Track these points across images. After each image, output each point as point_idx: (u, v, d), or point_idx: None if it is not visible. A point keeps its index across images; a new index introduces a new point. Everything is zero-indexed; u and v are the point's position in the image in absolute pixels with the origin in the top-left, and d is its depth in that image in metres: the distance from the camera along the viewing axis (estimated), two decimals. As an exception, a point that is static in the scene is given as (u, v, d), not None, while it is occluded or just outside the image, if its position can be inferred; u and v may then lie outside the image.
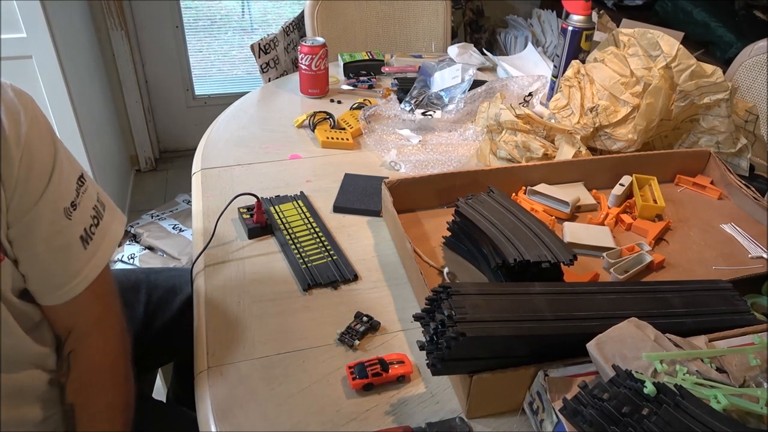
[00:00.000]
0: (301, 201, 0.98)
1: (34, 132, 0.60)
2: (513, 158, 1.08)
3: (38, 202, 0.61)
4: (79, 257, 0.66)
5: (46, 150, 0.62)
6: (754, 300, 0.80)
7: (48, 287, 0.66)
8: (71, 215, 0.64)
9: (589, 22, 1.18)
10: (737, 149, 1.11)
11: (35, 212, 0.61)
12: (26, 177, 0.59)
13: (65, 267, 0.66)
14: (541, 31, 2.36)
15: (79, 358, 0.70)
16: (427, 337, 0.62)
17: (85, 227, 0.66)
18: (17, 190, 0.59)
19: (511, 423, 0.64)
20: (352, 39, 1.77)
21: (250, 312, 0.77)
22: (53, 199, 0.62)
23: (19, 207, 0.60)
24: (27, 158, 0.59)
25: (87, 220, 0.67)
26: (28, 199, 0.61)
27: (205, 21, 2.50)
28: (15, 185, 0.59)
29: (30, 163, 0.59)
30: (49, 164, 0.62)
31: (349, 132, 1.19)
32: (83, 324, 0.71)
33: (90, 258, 0.67)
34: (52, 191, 0.62)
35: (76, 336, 0.71)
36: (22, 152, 0.59)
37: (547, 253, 0.74)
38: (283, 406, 0.65)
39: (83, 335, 0.71)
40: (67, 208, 0.64)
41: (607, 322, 0.61)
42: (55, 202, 0.63)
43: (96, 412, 0.70)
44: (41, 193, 0.61)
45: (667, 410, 0.50)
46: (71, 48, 1.83)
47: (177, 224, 2.04)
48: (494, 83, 1.32)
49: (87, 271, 0.67)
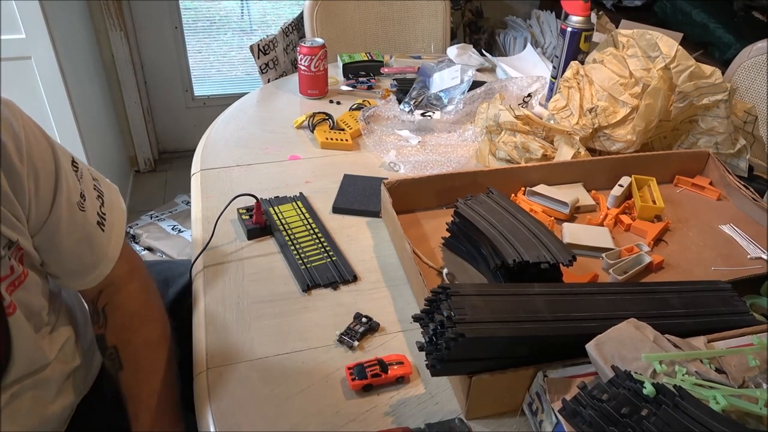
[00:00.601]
0: (300, 202, 0.98)
1: (31, 141, 0.61)
2: (512, 159, 1.08)
3: (53, 207, 0.64)
4: (101, 241, 0.71)
5: (46, 154, 0.63)
6: (753, 301, 0.80)
7: (80, 276, 0.71)
8: (84, 206, 0.68)
9: (588, 23, 1.18)
10: (736, 150, 1.11)
11: (53, 216, 0.64)
12: (35, 188, 0.62)
13: (91, 254, 0.70)
14: (540, 32, 2.36)
15: (114, 307, 0.75)
16: (427, 338, 0.62)
17: (97, 211, 0.70)
18: (32, 203, 0.62)
19: (511, 424, 0.64)
20: (351, 40, 1.77)
21: (249, 313, 0.77)
22: (65, 198, 0.65)
23: (38, 217, 0.63)
24: (33, 171, 0.61)
25: (95, 202, 0.70)
26: (43, 208, 0.63)
27: (204, 22, 2.50)
28: (29, 200, 0.61)
29: (36, 173, 0.61)
30: (51, 167, 0.64)
31: (349, 133, 1.19)
32: (114, 282, 0.75)
33: (110, 237, 0.72)
34: (62, 192, 0.65)
35: (108, 293, 0.75)
36: (27, 167, 0.60)
37: (546, 254, 0.74)
38: (282, 407, 0.65)
39: (115, 290, 0.76)
40: (78, 201, 0.67)
41: (606, 322, 0.61)
42: (68, 200, 0.65)
43: (138, 347, 0.74)
44: (53, 197, 0.64)
45: (666, 411, 0.50)
46: (70, 49, 1.83)
47: (176, 225, 2.04)
48: (493, 84, 1.32)
49: (111, 250, 0.73)
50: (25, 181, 0.60)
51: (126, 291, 0.76)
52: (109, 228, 0.72)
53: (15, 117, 0.60)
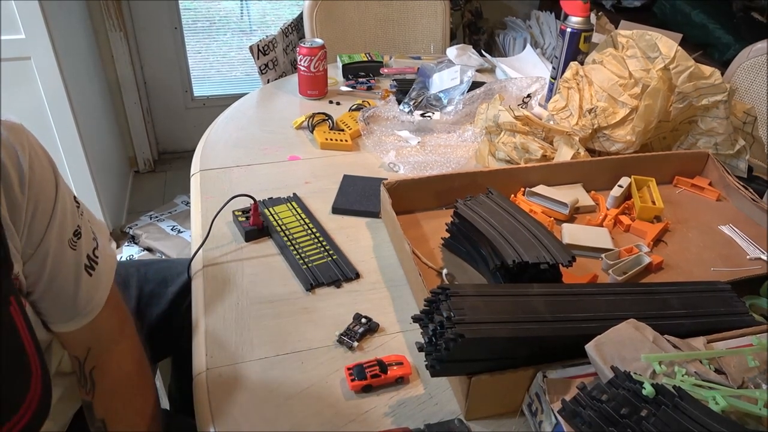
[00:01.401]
0: (295, 202, 0.98)
1: (35, 170, 0.58)
2: (512, 160, 1.08)
3: (42, 239, 0.60)
4: (88, 284, 0.65)
5: (48, 185, 0.60)
6: (752, 301, 0.80)
7: (63, 316, 0.66)
8: (75, 244, 0.63)
9: (587, 24, 1.18)
10: (735, 151, 1.11)
11: (42, 248, 0.60)
12: (31, 218, 0.58)
13: (76, 295, 0.65)
14: (540, 33, 2.37)
15: (103, 371, 0.70)
16: (426, 339, 0.62)
17: (88, 253, 0.65)
18: (24, 231, 0.58)
19: (510, 424, 0.64)
20: (350, 40, 1.77)
21: (248, 313, 0.77)
22: (57, 234, 0.61)
23: (28, 246, 0.59)
24: (33, 201, 0.58)
25: (90, 243, 0.66)
26: (35, 238, 0.60)
27: (203, 22, 2.50)
28: (23, 228, 0.58)
29: (35, 204, 0.58)
30: (51, 199, 0.60)
31: (348, 133, 1.19)
32: (104, 339, 0.70)
33: (98, 282, 0.67)
34: (55, 227, 0.61)
35: (96, 352, 0.70)
36: (28, 197, 0.57)
37: (545, 255, 0.74)
38: (282, 407, 0.65)
39: (104, 349, 0.70)
40: (70, 239, 0.63)
41: (605, 323, 0.61)
42: (59, 235, 0.62)
43: (128, 422, 0.70)
44: (44, 230, 0.60)
45: (665, 411, 0.50)
46: (70, 49, 1.83)
47: (176, 225, 2.04)
48: (493, 85, 1.32)
49: (98, 295, 0.67)
50: (23, 212, 0.57)
51: (116, 353, 0.71)
52: (98, 273, 0.67)
53: (22, 145, 0.57)
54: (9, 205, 0.56)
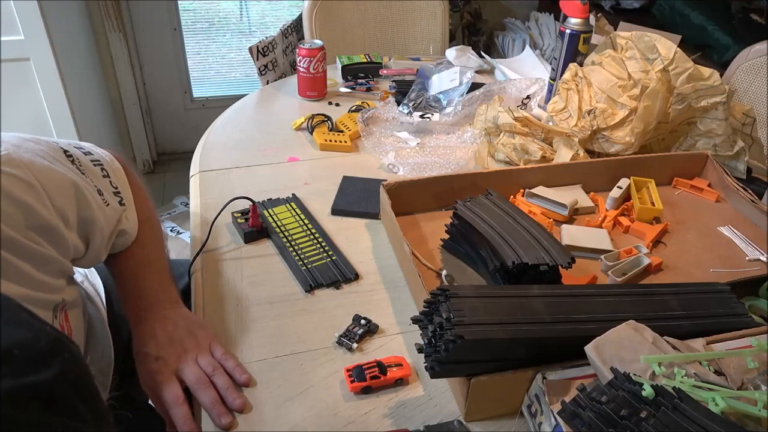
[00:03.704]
0: (294, 203, 0.98)
1: (46, 184, 0.62)
2: (511, 161, 1.08)
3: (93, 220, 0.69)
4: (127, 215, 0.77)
5: (65, 188, 0.65)
6: (751, 303, 0.80)
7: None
8: (105, 199, 0.72)
9: (586, 25, 1.18)
10: (734, 152, 1.11)
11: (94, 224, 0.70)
12: (66, 222, 0.65)
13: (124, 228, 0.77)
14: (539, 34, 2.37)
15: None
16: (426, 340, 0.62)
17: (112, 191, 0.75)
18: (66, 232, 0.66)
19: (510, 426, 0.64)
20: (350, 42, 1.77)
21: (247, 315, 0.77)
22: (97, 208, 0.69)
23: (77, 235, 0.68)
24: (59, 212, 0.63)
25: (108, 187, 0.75)
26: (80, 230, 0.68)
27: (203, 23, 2.50)
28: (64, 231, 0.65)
29: (63, 212, 0.64)
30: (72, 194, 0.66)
31: (347, 134, 1.19)
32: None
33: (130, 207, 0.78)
34: (92, 206, 0.69)
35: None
36: (55, 210, 0.62)
37: (545, 256, 0.74)
38: (281, 409, 0.65)
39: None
40: (101, 200, 0.71)
41: (605, 324, 0.61)
42: (98, 204, 0.70)
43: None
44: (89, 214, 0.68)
45: (665, 413, 0.50)
46: (69, 50, 1.83)
47: (175, 227, 2.04)
48: (492, 86, 1.32)
49: (132, 215, 0.78)
50: (60, 223, 0.63)
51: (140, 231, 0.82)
52: (128, 202, 0.77)
53: (33, 174, 0.61)
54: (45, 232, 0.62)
